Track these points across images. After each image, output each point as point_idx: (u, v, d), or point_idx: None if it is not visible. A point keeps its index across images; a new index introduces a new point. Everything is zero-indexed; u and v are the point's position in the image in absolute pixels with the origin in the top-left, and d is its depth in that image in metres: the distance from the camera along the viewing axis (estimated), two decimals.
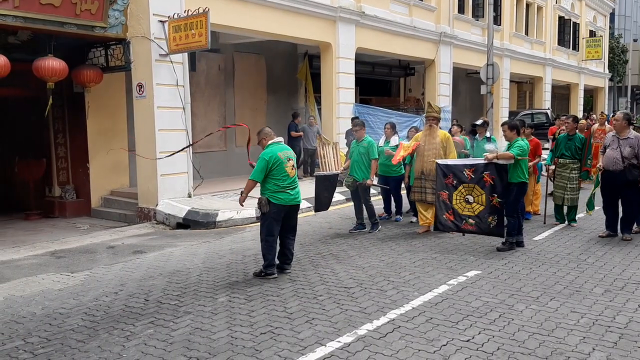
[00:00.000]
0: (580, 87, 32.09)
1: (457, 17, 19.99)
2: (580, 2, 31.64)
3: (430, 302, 5.42)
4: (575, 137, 8.86)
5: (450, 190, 7.57)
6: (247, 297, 5.68)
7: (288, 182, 6.32)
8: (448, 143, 8.48)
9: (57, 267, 7.20)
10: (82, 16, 9.02)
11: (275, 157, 6.27)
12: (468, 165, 7.53)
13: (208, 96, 14.08)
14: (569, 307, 5.20)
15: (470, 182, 7.40)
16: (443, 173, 7.66)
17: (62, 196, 11.26)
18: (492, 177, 7.27)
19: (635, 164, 7.66)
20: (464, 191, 7.48)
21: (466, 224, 7.52)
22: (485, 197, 7.33)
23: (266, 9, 12.40)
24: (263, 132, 6.59)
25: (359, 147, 8.68)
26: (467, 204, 7.47)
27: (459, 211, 7.53)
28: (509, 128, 7.57)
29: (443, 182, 7.64)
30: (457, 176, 7.51)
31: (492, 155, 7.32)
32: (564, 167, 8.92)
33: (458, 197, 7.53)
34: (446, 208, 7.63)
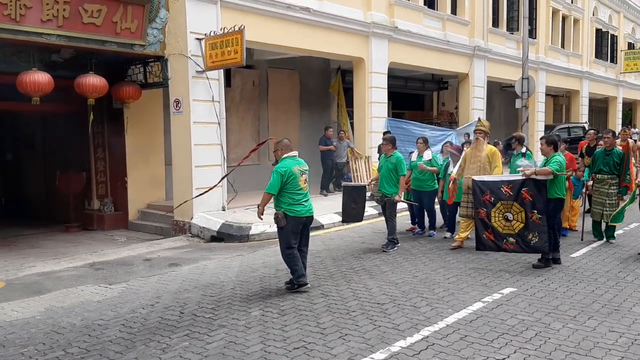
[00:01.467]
0: (618, 100, 31.39)
1: (491, 30, 19.85)
2: (618, 14, 31.06)
3: (464, 319, 5.36)
4: (613, 152, 8.72)
5: (488, 208, 7.39)
6: (280, 312, 5.71)
7: (302, 195, 6.42)
8: (494, 157, 8.42)
9: (96, 279, 7.37)
10: (122, 34, 9.30)
11: (289, 172, 6.36)
12: (505, 181, 7.38)
13: (242, 111, 14.28)
14: (607, 326, 5.09)
15: (509, 199, 7.24)
16: (480, 190, 7.50)
17: (101, 209, 11.54)
18: (530, 193, 7.14)
19: None
20: (503, 208, 7.31)
21: (507, 243, 7.33)
22: (525, 214, 7.17)
23: (300, 26, 12.55)
24: (281, 143, 6.62)
25: (388, 162, 8.64)
26: (507, 222, 7.29)
27: (499, 230, 7.34)
28: (547, 143, 7.46)
29: (480, 199, 7.47)
30: (495, 193, 7.35)
31: (530, 171, 7.17)
32: (602, 182, 8.77)
33: (497, 215, 7.36)
34: (485, 227, 7.45)
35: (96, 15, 8.90)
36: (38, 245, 10.03)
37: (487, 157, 8.38)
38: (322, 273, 7.25)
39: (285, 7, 12.00)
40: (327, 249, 8.75)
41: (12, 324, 5.66)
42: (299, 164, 6.52)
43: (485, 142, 8.56)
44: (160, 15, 9.80)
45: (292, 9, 12.16)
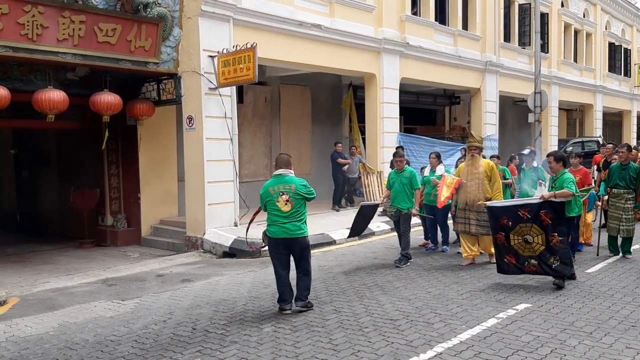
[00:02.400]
0: (633, 114, 31.17)
1: (503, 45, 19.85)
2: (631, 28, 30.95)
3: (478, 335, 5.30)
4: (629, 166, 8.62)
5: (507, 231, 7.13)
6: (293, 328, 5.69)
7: (281, 215, 6.21)
8: (492, 172, 8.35)
9: (109, 295, 7.39)
10: (136, 53, 9.42)
11: (265, 193, 6.30)
12: (521, 205, 7.13)
13: (254, 127, 14.36)
14: (624, 343, 5.01)
15: (527, 222, 6.98)
16: (495, 216, 7.26)
17: (114, 225, 11.61)
18: (549, 216, 6.89)
19: None
20: (522, 231, 7.04)
21: (529, 266, 7.08)
22: (544, 237, 6.92)
23: (312, 43, 12.64)
24: (276, 159, 6.59)
25: (401, 177, 8.64)
26: (527, 244, 7.03)
27: (520, 252, 7.09)
28: (555, 159, 7.32)
29: (497, 224, 7.22)
30: (512, 217, 7.09)
31: (548, 195, 6.97)
32: (618, 197, 8.64)
33: (516, 238, 7.10)
34: (506, 251, 7.18)
35: (111, 34, 9.03)
36: (52, 261, 10.10)
37: (485, 172, 8.27)
38: (335, 289, 7.22)
39: (297, 24, 12.11)
40: (339, 265, 8.71)
41: (26, 339, 5.69)
42: (282, 182, 6.28)
43: (481, 158, 8.47)
44: (174, 34, 9.92)
45: (303, 26, 12.26)
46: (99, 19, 8.85)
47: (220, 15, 10.54)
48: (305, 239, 6.34)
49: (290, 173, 6.41)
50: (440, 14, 17.21)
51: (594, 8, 26.60)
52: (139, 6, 9.20)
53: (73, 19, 8.54)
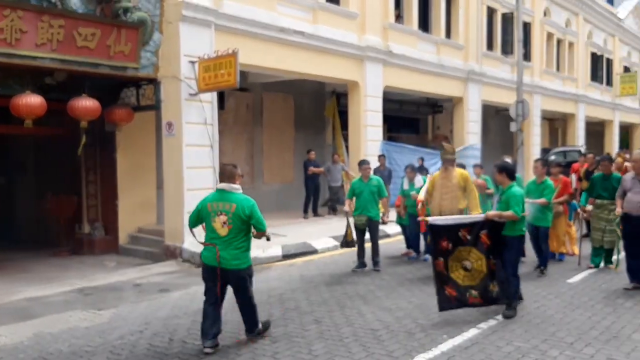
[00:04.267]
0: (615, 123, 31.54)
1: (486, 54, 19.99)
2: (613, 38, 31.38)
3: (460, 346, 5.25)
4: (612, 176, 8.51)
5: (446, 257, 6.28)
6: (272, 339, 5.58)
7: (217, 238, 5.24)
8: (467, 183, 8.14)
9: (85, 305, 7.23)
10: (115, 58, 9.27)
11: (203, 210, 5.32)
12: (464, 224, 6.34)
13: (236, 134, 14.25)
14: (605, 354, 4.99)
15: (467, 245, 6.23)
16: (435, 236, 6.42)
17: (91, 233, 11.40)
18: (489, 236, 6.23)
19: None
20: (461, 256, 6.26)
21: (471, 297, 6.26)
22: (485, 261, 6.21)
23: (294, 49, 12.59)
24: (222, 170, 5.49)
25: (369, 186, 8.71)
26: (466, 272, 6.26)
27: (460, 282, 6.26)
28: (498, 171, 6.57)
29: (437, 247, 6.36)
30: (452, 239, 6.28)
31: (493, 214, 6.38)
32: (601, 208, 8.55)
33: (454, 264, 6.29)
34: (445, 281, 6.29)
35: (90, 39, 8.88)
36: (28, 269, 9.87)
37: (458, 183, 8.06)
38: (316, 299, 7.13)
39: (279, 30, 12.05)
40: (321, 274, 8.63)
41: (0, 349, 5.53)
42: (223, 200, 5.23)
43: (454, 169, 8.22)
44: (154, 39, 9.79)
45: (286, 32, 12.20)
46: (78, 23, 8.70)
47: (202, 20, 10.44)
48: (243, 271, 5.32)
49: (235, 189, 5.33)
50: (423, 23, 17.27)
51: (576, 18, 26.93)
52: (118, 11, 9.07)
53: (52, 24, 8.38)
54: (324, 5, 13.48)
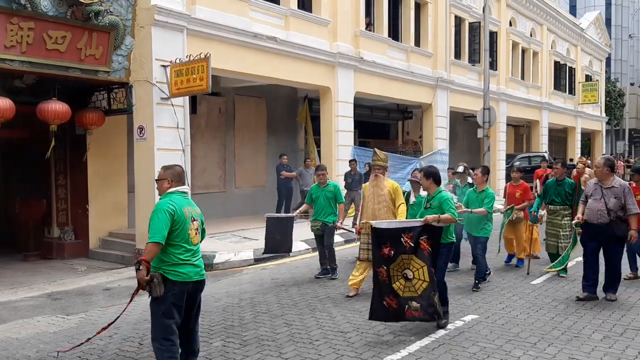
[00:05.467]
0: (577, 130, 32.43)
1: (454, 62, 20.39)
2: (575, 48, 32.28)
3: (427, 347, 5.38)
4: (564, 182, 8.55)
5: (389, 264, 5.78)
6: (242, 342, 5.64)
7: (192, 251, 4.58)
8: (397, 193, 7.54)
9: (53, 309, 7.17)
10: (86, 61, 9.22)
11: (179, 213, 4.44)
12: (406, 228, 5.87)
13: (208, 138, 14.25)
14: (567, 354, 5.17)
15: (409, 252, 5.76)
16: (378, 242, 5.89)
17: (61, 237, 11.26)
18: (429, 242, 5.80)
19: (622, 217, 6.82)
20: (402, 264, 5.78)
21: (410, 310, 5.73)
22: (427, 269, 5.73)
23: (267, 55, 12.67)
24: (170, 171, 4.66)
25: (325, 191, 8.61)
26: (407, 282, 5.75)
27: (400, 293, 5.75)
28: (425, 176, 6.29)
29: (380, 253, 5.85)
30: (395, 244, 5.80)
31: (432, 218, 5.86)
32: (554, 213, 8.54)
33: (396, 273, 5.79)
34: (387, 291, 5.78)
35: (60, 42, 8.82)
36: None
37: (389, 194, 7.48)
38: (287, 302, 7.21)
39: (252, 36, 12.12)
40: (292, 277, 8.71)
41: None
42: (191, 205, 4.69)
43: (385, 178, 7.62)
44: (126, 42, 9.77)
45: (258, 38, 12.28)
46: (48, 26, 8.63)
47: (174, 25, 10.45)
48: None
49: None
50: (393, 31, 17.57)
51: (540, 28, 27.65)
52: (90, 14, 9.02)
53: (22, 26, 8.29)
54: (297, 12, 13.61)
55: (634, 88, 56.32)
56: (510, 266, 9.42)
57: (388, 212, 7.39)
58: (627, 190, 6.85)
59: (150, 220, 4.37)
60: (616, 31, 61.38)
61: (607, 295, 7.02)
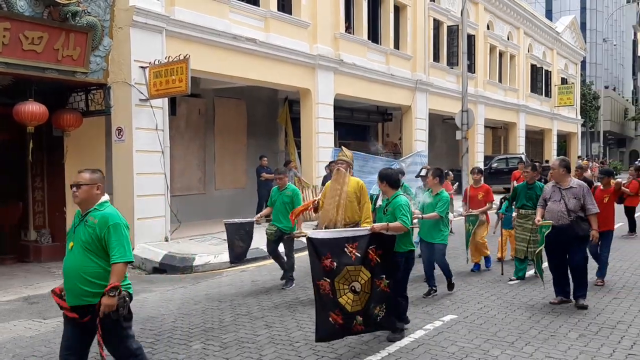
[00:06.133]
0: (553, 132, 32.95)
1: (433, 65, 20.57)
2: (551, 51, 32.79)
3: (406, 347, 5.43)
4: (535, 185, 8.25)
5: (332, 277, 5.17)
6: (222, 345, 5.63)
7: None
8: (362, 192, 6.78)
9: (30, 313, 7.07)
10: (63, 62, 9.11)
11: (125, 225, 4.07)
12: (349, 238, 5.33)
13: (188, 140, 14.18)
14: (543, 352, 5.25)
15: (356, 263, 5.23)
16: (317, 253, 5.21)
17: (38, 240, 11.11)
18: (378, 252, 5.33)
19: (583, 217, 6.72)
20: (350, 277, 5.22)
21: (356, 325, 5.25)
22: (371, 281, 5.29)
23: (246, 56, 12.66)
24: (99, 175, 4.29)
25: (282, 195, 8.09)
26: (355, 295, 5.22)
27: (348, 308, 5.18)
28: (380, 179, 5.90)
29: (319, 265, 5.19)
30: (337, 255, 5.21)
31: (380, 226, 5.46)
32: (525, 218, 8.19)
33: (342, 287, 5.19)
34: (332, 306, 5.15)
35: (37, 42, 8.70)
36: None
37: (354, 192, 6.70)
38: (267, 304, 7.21)
39: (232, 37, 12.10)
40: (273, 279, 8.70)
41: None
42: None
43: (348, 175, 6.78)
44: (104, 43, 9.68)
45: (238, 39, 12.27)
46: (24, 26, 8.51)
47: (153, 26, 10.39)
48: None
49: None
50: (373, 33, 17.67)
51: (517, 31, 28.03)
52: (67, 14, 8.92)
53: None
54: (276, 14, 13.62)
55: (608, 91, 57.46)
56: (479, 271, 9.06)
57: (338, 210, 6.46)
58: (586, 190, 6.76)
59: (113, 236, 3.92)
60: (591, 35, 62.47)
61: (577, 302, 6.77)
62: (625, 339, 5.61)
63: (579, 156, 35.07)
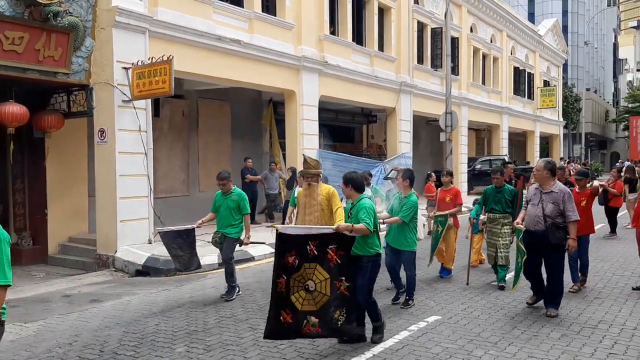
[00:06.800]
0: (536, 134, 33.27)
1: (417, 67, 20.67)
2: (534, 54, 33.12)
3: (390, 348, 5.43)
4: (504, 189, 8.03)
5: (290, 274, 5.16)
6: (206, 347, 5.59)
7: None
8: (332, 198, 6.74)
9: (10, 317, 6.87)
10: (45, 62, 9.03)
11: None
12: (314, 235, 5.27)
13: (171, 141, 14.08)
14: (526, 352, 5.29)
15: (313, 262, 5.15)
16: (283, 249, 5.21)
17: (18, 243, 10.96)
18: (339, 253, 5.18)
19: (560, 224, 6.34)
20: (305, 275, 5.15)
21: (308, 326, 5.14)
22: (330, 282, 5.15)
23: (231, 57, 12.61)
24: None
25: (227, 200, 7.59)
26: (308, 294, 5.14)
27: (298, 306, 5.13)
28: (344, 183, 5.73)
29: (282, 261, 5.18)
30: (300, 252, 5.16)
31: (344, 226, 5.28)
32: (494, 222, 7.99)
33: (297, 284, 5.15)
34: (283, 304, 5.15)
35: (18, 43, 8.62)
36: None
37: (325, 200, 6.70)
38: (251, 306, 7.18)
39: (216, 38, 12.05)
40: (258, 281, 8.67)
41: None
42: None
43: (317, 186, 6.75)
44: (86, 44, 9.60)
45: (222, 40, 12.22)
46: (5, 26, 8.43)
47: (135, 26, 10.31)
48: None
49: None
50: (357, 35, 17.70)
51: (500, 34, 28.27)
52: (48, 14, 8.84)
53: None
54: (261, 15, 13.59)
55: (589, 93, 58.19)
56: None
57: (320, 222, 6.48)
58: (566, 196, 6.34)
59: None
60: (572, 38, 63.22)
61: (547, 310, 6.48)
62: (606, 338, 5.66)
63: (561, 158, 35.48)
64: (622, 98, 73.47)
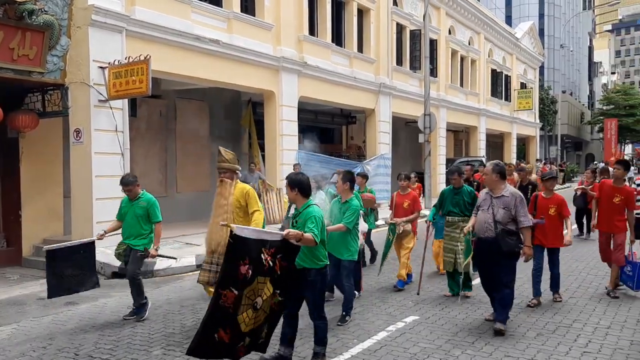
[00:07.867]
0: (513, 135, 33.68)
1: (396, 69, 20.77)
2: (511, 56, 33.53)
3: (369, 349, 5.45)
4: (462, 190, 7.44)
5: (242, 288, 4.22)
6: (183, 350, 5.53)
7: None
8: (249, 200, 6.09)
9: None
10: (19, 61, 8.88)
11: None
12: (269, 241, 4.43)
13: (148, 142, 13.95)
14: (502, 352, 5.34)
15: (267, 275, 4.38)
16: (235, 256, 4.22)
17: None
18: (282, 264, 4.49)
19: (513, 230, 5.92)
20: (256, 289, 4.34)
21: (242, 346, 4.37)
22: (271, 297, 4.49)
23: (210, 57, 12.54)
24: None
25: (134, 207, 6.65)
26: (254, 312, 4.36)
27: (243, 327, 4.29)
28: (289, 185, 4.95)
29: (235, 270, 4.19)
30: (254, 262, 4.28)
31: (295, 233, 4.50)
32: (452, 226, 7.38)
33: (247, 302, 4.28)
34: (225, 322, 4.17)
35: None
36: None
37: (237, 201, 6.05)
38: None
39: (194, 38, 11.97)
40: None
41: None
42: None
43: (231, 183, 6.09)
44: (61, 43, 9.46)
45: (201, 40, 12.15)
46: None
47: (112, 25, 10.20)
48: None
49: None
50: (336, 36, 17.75)
51: (478, 36, 28.57)
52: (23, 13, 8.69)
53: None
54: (240, 15, 13.55)
55: (565, 96, 59.02)
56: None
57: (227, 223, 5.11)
58: (518, 200, 5.93)
59: None
60: (549, 41, 64.05)
61: (495, 324, 5.94)
62: (581, 337, 5.75)
63: (538, 159, 35.93)
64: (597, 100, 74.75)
